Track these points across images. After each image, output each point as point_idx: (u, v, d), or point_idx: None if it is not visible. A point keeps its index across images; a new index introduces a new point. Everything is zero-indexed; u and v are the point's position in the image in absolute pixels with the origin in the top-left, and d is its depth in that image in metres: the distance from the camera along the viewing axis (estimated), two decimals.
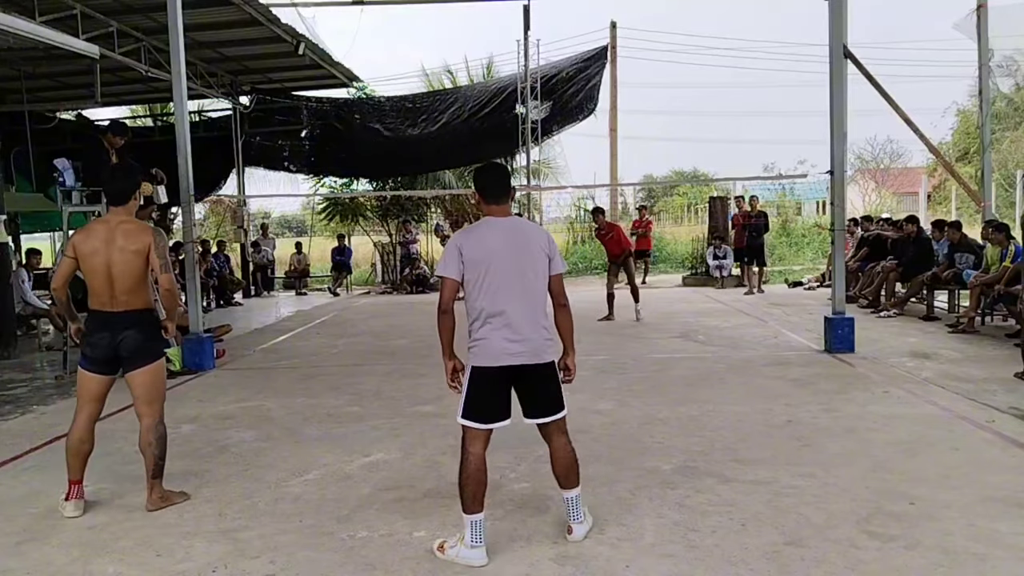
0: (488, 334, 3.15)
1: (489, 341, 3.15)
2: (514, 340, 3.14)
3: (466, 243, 3.18)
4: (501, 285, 3.15)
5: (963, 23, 10.50)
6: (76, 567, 3.24)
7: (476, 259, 3.14)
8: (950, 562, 3.02)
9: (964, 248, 9.60)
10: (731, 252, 15.30)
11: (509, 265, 3.16)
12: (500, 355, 3.14)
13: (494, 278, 3.14)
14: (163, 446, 3.96)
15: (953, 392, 5.77)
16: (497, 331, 3.14)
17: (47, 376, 7.70)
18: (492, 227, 3.22)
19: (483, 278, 3.15)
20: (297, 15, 12.39)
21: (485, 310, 3.16)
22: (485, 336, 3.16)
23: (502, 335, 3.13)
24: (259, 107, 16.25)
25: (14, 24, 7.73)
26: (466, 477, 3.13)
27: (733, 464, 4.25)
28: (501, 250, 3.16)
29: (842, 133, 7.58)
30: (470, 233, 3.25)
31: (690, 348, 8.20)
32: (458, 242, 3.20)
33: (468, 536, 3.11)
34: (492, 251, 3.15)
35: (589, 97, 15.78)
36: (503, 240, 3.18)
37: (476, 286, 3.16)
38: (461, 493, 3.14)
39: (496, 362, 3.14)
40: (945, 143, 25.26)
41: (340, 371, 7.42)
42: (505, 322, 3.14)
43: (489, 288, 3.15)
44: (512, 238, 3.20)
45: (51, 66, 12.78)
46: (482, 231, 3.22)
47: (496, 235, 3.19)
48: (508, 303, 3.14)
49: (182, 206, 8.33)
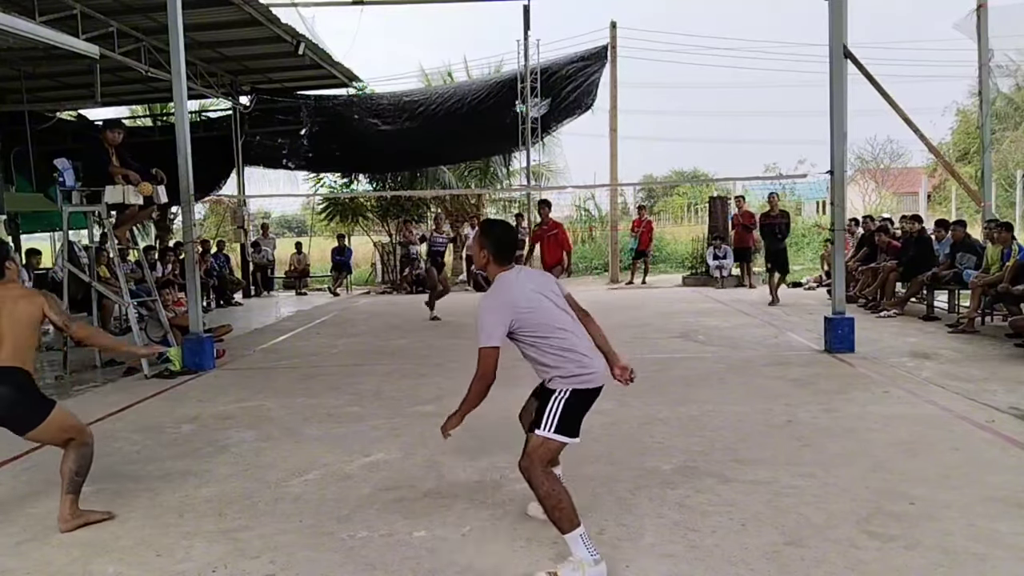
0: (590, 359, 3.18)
1: (594, 362, 3.19)
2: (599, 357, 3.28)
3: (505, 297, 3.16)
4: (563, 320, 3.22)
5: (963, 23, 10.51)
6: (76, 567, 3.24)
7: (521, 307, 3.13)
8: (950, 562, 3.02)
9: (966, 248, 9.59)
10: (731, 252, 15.31)
11: (549, 301, 3.24)
12: (603, 375, 3.22)
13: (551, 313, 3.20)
14: (82, 462, 3.69)
15: (953, 392, 5.77)
16: (594, 354, 3.24)
17: (47, 376, 7.69)
18: (515, 278, 3.24)
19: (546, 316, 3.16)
20: (297, 15, 12.42)
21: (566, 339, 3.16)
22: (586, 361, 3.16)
23: (592, 354, 3.23)
24: (259, 107, 16.26)
25: (14, 24, 7.73)
26: (564, 490, 3.05)
27: (733, 464, 4.25)
28: (533, 291, 3.21)
29: (842, 133, 7.58)
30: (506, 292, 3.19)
31: (690, 348, 8.20)
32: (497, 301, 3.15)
33: (585, 549, 2.97)
34: (529, 296, 3.18)
35: (587, 92, 15.78)
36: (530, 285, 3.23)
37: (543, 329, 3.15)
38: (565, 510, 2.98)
39: (602, 381, 3.21)
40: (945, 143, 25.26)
41: (340, 371, 7.41)
42: (587, 344, 3.26)
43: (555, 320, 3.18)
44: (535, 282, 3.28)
45: (51, 66, 12.78)
46: (509, 284, 3.21)
47: (522, 283, 3.22)
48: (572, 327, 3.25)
49: (182, 206, 8.34)
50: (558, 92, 15.56)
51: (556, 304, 3.25)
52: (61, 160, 7.71)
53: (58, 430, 3.69)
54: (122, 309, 9.87)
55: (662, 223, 26.65)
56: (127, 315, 8.80)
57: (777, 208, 12.20)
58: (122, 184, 7.50)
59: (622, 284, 16.55)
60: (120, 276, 8.17)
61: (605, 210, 20.48)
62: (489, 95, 15.73)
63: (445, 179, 18.03)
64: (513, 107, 15.37)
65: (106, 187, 7.47)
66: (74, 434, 3.73)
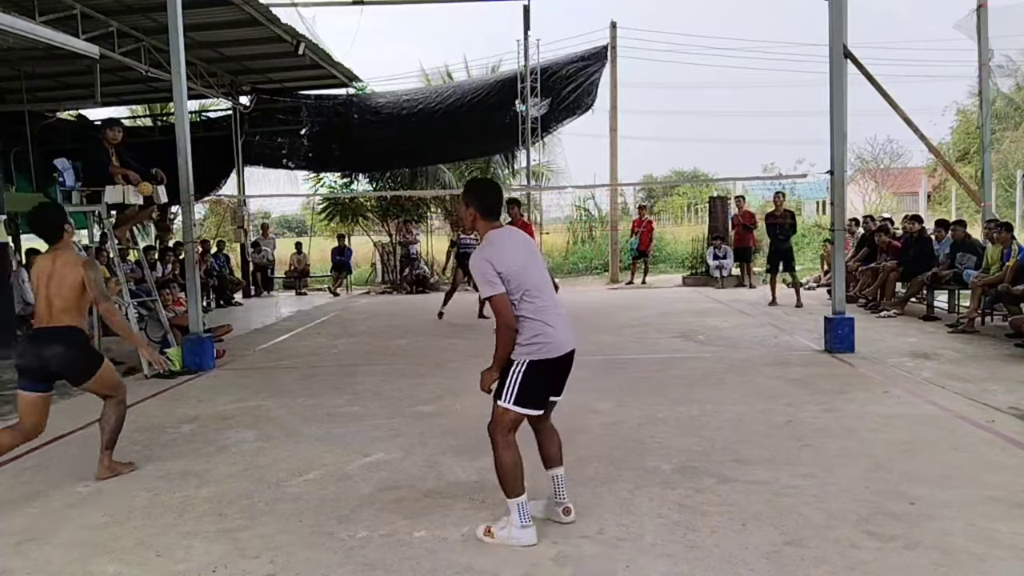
0: (554, 325, 3.30)
1: (556, 331, 3.30)
2: (570, 328, 3.39)
3: (496, 258, 3.27)
4: (539, 283, 3.34)
5: (963, 23, 10.51)
6: (76, 567, 3.24)
7: (513, 269, 3.27)
8: (950, 562, 3.02)
9: (966, 248, 9.59)
10: (731, 252, 15.31)
11: (533, 265, 3.37)
12: (566, 343, 3.34)
13: (533, 278, 3.32)
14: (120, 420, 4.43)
15: (953, 392, 5.77)
16: (558, 321, 3.33)
17: None
18: (504, 238, 3.38)
19: (526, 281, 3.29)
20: (297, 15, 12.41)
21: (539, 307, 3.30)
22: (548, 331, 3.29)
23: (565, 325, 3.36)
24: (259, 107, 16.27)
25: (14, 24, 7.73)
26: (513, 461, 3.29)
27: (733, 464, 4.25)
28: (521, 253, 3.36)
29: (842, 133, 7.58)
30: (492, 249, 3.31)
31: (690, 348, 8.20)
32: (490, 260, 3.26)
33: (518, 517, 3.28)
34: (520, 257, 3.33)
35: (588, 92, 15.76)
36: (520, 246, 3.39)
37: (521, 292, 3.28)
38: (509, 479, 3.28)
39: (564, 349, 3.33)
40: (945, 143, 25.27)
41: (340, 371, 7.41)
42: (558, 312, 3.36)
43: (534, 287, 3.31)
44: (520, 243, 3.43)
45: (51, 66, 12.78)
46: (501, 243, 3.35)
47: (512, 243, 3.37)
48: (549, 296, 3.37)
49: (182, 206, 8.34)
50: (558, 92, 15.55)
51: (537, 268, 3.39)
52: (61, 160, 7.71)
53: (105, 384, 4.38)
54: (122, 309, 9.88)
55: (662, 223, 26.65)
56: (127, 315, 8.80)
57: (782, 208, 11.97)
58: (122, 184, 7.50)
59: (622, 284, 16.55)
60: (120, 276, 8.17)
61: (605, 210, 20.46)
62: (489, 94, 15.73)
63: (445, 179, 18.02)
64: (513, 106, 15.37)
65: (106, 187, 7.47)
66: (116, 391, 4.45)
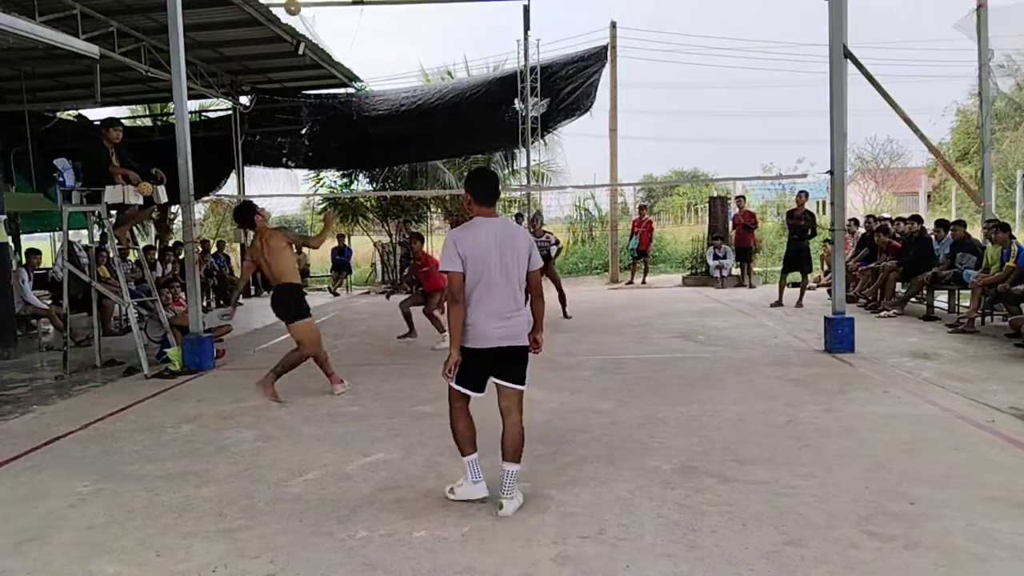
0: (478, 320, 3.61)
1: (479, 326, 3.60)
2: (499, 326, 3.62)
3: (461, 241, 3.60)
4: (491, 278, 3.60)
5: (963, 23, 10.50)
6: (76, 567, 3.24)
7: (471, 254, 3.58)
8: (950, 562, 3.02)
9: (966, 247, 9.59)
10: (731, 252, 15.31)
11: (497, 260, 3.61)
12: (488, 339, 3.62)
13: (485, 271, 3.59)
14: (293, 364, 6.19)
15: (953, 392, 5.77)
16: (486, 318, 3.60)
17: (47, 376, 7.70)
18: (484, 226, 3.66)
19: (476, 271, 3.59)
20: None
21: (476, 299, 3.60)
22: (476, 322, 3.61)
23: (490, 322, 3.61)
24: (259, 106, 16.27)
25: (14, 24, 7.72)
26: (463, 427, 3.74)
27: (733, 464, 4.25)
28: (492, 247, 3.61)
29: (842, 133, 7.58)
30: (466, 231, 3.65)
31: (690, 348, 8.20)
32: (455, 240, 3.62)
33: (469, 475, 3.76)
34: (485, 247, 3.60)
35: (587, 94, 15.77)
36: (493, 238, 3.63)
37: (476, 280, 3.59)
38: (458, 440, 3.76)
39: (485, 344, 3.62)
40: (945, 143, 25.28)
41: (340, 371, 7.38)
42: (493, 310, 3.61)
43: (481, 279, 3.59)
44: (500, 237, 3.65)
45: (51, 66, 12.79)
46: (476, 230, 3.65)
47: (488, 234, 3.63)
48: (495, 293, 3.61)
49: (182, 206, 8.33)
50: (557, 93, 15.57)
51: (502, 264, 3.62)
52: (61, 160, 7.70)
53: (296, 334, 6.18)
54: (122, 309, 9.89)
55: (662, 223, 26.65)
56: (127, 315, 8.80)
57: (802, 208, 11.65)
58: (122, 184, 7.49)
59: (622, 284, 16.56)
60: (120, 276, 8.17)
61: (605, 210, 20.47)
62: (488, 91, 15.76)
63: (445, 179, 18.03)
64: (512, 104, 15.38)
65: (106, 187, 7.46)
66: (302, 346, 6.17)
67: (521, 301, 3.71)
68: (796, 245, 11.58)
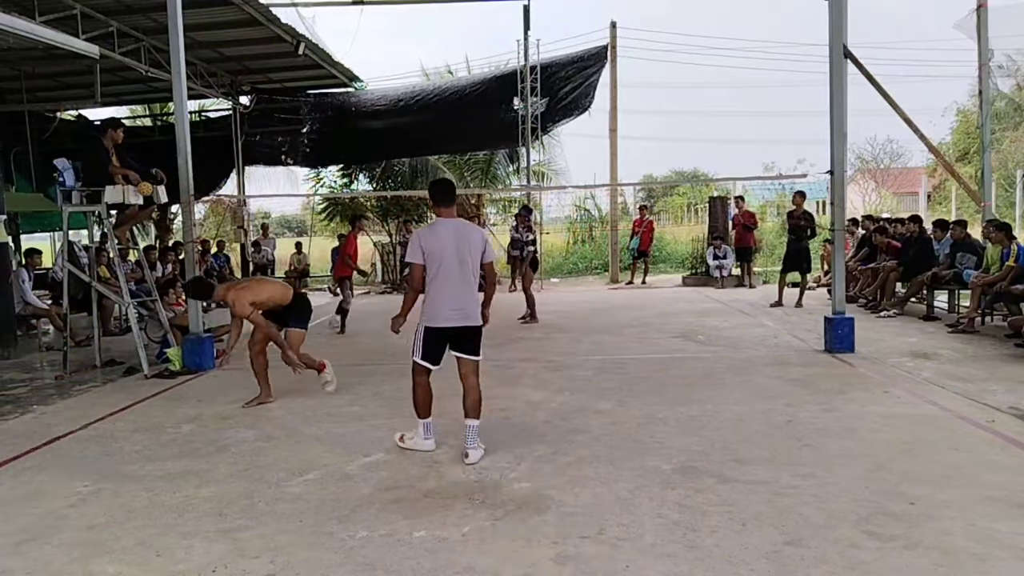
0: (438, 304, 4.38)
1: (438, 309, 4.39)
2: (454, 309, 4.38)
3: (424, 238, 4.39)
4: (449, 269, 4.34)
5: (963, 23, 10.50)
6: (76, 567, 3.24)
7: (432, 250, 4.35)
8: (950, 562, 3.02)
9: (967, 247, 9.58)
10: (731, 252, 15.31)
11: (454, 254, 4.34)
12: (446, 320, 4.39)
13: (444, 263, 4.33)
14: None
15: (953, 392, 5.77)
16: (444, 303, 4.37)
17: (47, 376, 7.70)
18: (444, 226, 4.43)
19: (436, 264, 4.34)
20: (297, 15, 12.41)
21: (437, 286, 4.36)
22: (436, 305, 4.39)
23: (447, 306, 4.37)
24: (258, 106, 16.28)
25: (14, 24, 7.73)
26: (422, 396, 4.56)
27: (733, 464, 4.25)
28: (450, 243, 4.35)
29: (842, 133, 7.58)
30: (429, 230, 4.45)
31: (690, 348, 8.20)
32: (420, 236, 4.42)
33: (422, 432, 4.62)
34: (444, 243, 4.34)
35: (585, 94, 15.78)
36: (452, 236, 4.38)
37: (435, 270, 4.34)
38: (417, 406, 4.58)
39: (444, 324, 4.40)
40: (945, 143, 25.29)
41: (340, 371, 7.39)
42: (449, 295, 4.36)
43: (440, 270, 4.33)
44: (457, 234, 4.40)
45: (51, 66, 12.80)
46: (437, 229, 4.42)
47: (447, 232, 4.40)
48: (452, 282, 4.35)
49: (182, 206, 8.34)
50: (555, 92, 15.57)
51: (459, 257, 4.36)
52: (61, 160, 7.70)
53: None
54: (122, 309, 9.89)
55: (662, 223, 26.66)
56: (127, 315, 8.80)
57: (801, 208, 11.68)
58: (122, 184, 7.50)
59: (622, 284, 16.55)
60: (120, 276, 8.17)
61: (605, 210, 20.46)
62: (488, 89, 15.78)
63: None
64: (511, 103, 15.39)
65: (106, 187, 7.46)
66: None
67: (475, 288, 4.45)
68: (796, 245, 11.59)
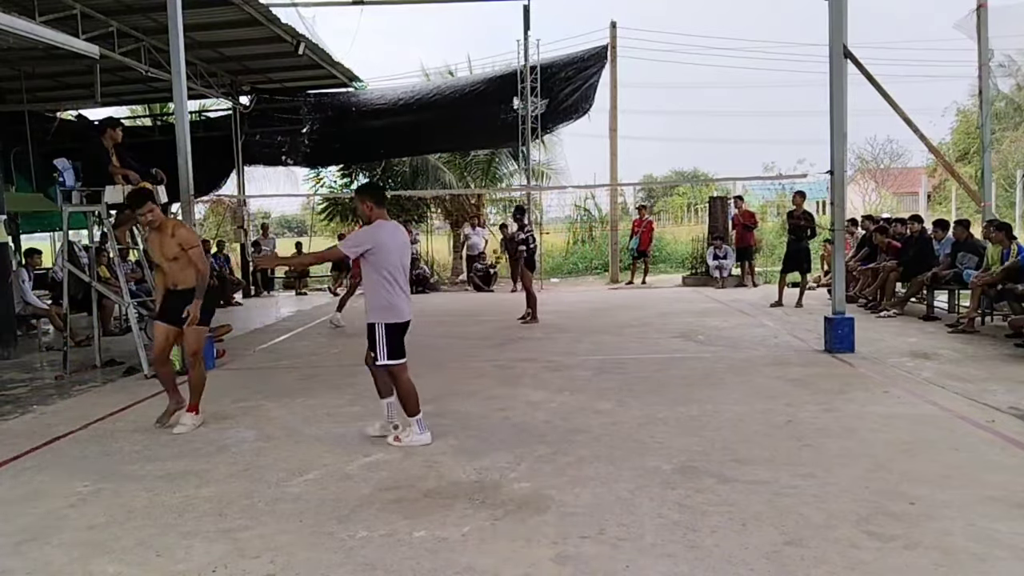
0: (399, 300, 4.71)
1: (399, 305, 4.71)
2: (408, 304, 4.80)
3: (376, 235, 4.64)
4: (398, 267, 4.70)
5: (963, 23, 10.50)
6: (76, 567, 3.24)
7: (389, 248, 4.65)
8: (950, 562, 3.02)
9: (968, 247, 9.58)
10: (731, 252, 15.30)
11: (399, 254, 4.73)
12: (407, 314, 4.77)
13: (392, 261, 4.66)
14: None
15: (953, 392, 5.77)
16: (403, 299, 4.74)
17: (47, 376, 7.70)
18: (388, 227, 4.74)
19: (391, 262, 4.65)
20: (297, 15, 12.41)
21: (395, 284, 4.67)
22: (397, 302, 4.70)
23: (405, 301, 4.75)
24: (258, 106, 16.28)
25: (14, 24, 7.73)
26: (411, 392, 4.81)
27: (733, 464, 4.25)
28: (398, 243, 4.75)
29: (842, 133, 7.58)
30: (381, 229, 4.68)
31: (690, 348, 8.20)
32: (372, 233, 4.65)
33: (417, 428, 4.80)
34: (393, 242, 4.69)
35: (585, 97, 15.80)
36: (399, 237, 4.79)
37: (388, 268, 4.64)
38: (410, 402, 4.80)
39: (406, 318, 4.76)
40: (945, 143, 25.29)
41: (340, 371, 7.41)
42: (404, 292, 4.76)
43: (395, 268, 4.67)
44: (400, 236, 4.81)
45: (51, 66, 12.79)
46: (384, 228, 4.70)
47: (391, 233, 4.74)
48: (402, 279, 4.75)
49: (182, 206, 8.33)
50: (555, 95, 15.57)
51: (401, 257, 4.74)
52: (61, 160, 7.70)
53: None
54: (122, 309, 9.88)
55: (662, 223, 26.66)
56: (127, 315, 8.80)
57: (800, 208, 11.71)
58: (122, 184, 7.50)
59: (622, 284, 16.55)
60: (120, 276, 8.16)
61: (605, 210, 20.47)
62: (488, 89, 15.78)
63: (446, 179, 18.03)
64: (511, 103, 15.39)
65: (106, 187, 7.46)
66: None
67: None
68: (796, 245, 11.61)
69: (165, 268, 5.42)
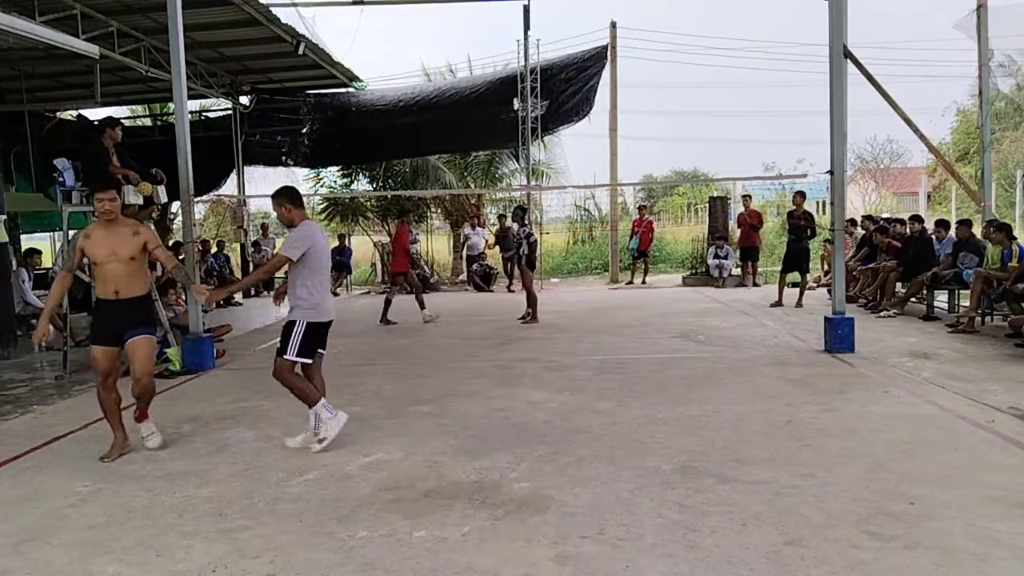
0: (324, 300, 4.78)
1: (324, 304, 4.77)
2: (331, 302, 4.90)
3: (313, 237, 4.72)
4: (325, 266, 4.84)
5: (963, 23, 10.49)
6: (76, 567, 3.24)
7: (322, 248, 4.79)
8: (950, 562, 3.02)
9: (970, 247, 9.57)
10: (732, 252, 15.29)
11: (327, 251, 4.92)
12: (330, 314, 4.84)
13: (323, 264, 4.80)
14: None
15: (953, 392, 5.77)
16: (327, 298, 4.82)
17: (47, 376, 7.70)
18: (316, 225, 4.95)
19: (321, 261, 4.77)
20: (297, 15, 12.39)
21: (320, 284, 4.76)
22: (322, 301, 4.76)
23: (329, 301, 4.86)
24: (258, 106, 16.28)
25: (14, 24, 7.73)
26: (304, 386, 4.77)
27: (733, 464, 4.25)
28: (325, 242, 4.91)
29: (842, 133, 7.57)
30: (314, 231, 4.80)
31: (690, 348, 8.20)
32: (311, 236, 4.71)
33: (325, 413, 4.72)
34: (325, 242, 4.89)
35: (585, 99, 15.78)
36: (323, 235, 4.96)
37: (320, 267, 4.76)
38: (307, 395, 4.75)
39: (330, 317, 4.83)
40: (945, 143, 25.28)
41: (340, 371, 7.40)
42: (327, 291, 4.88)
43: (322, 268, 4.79)
44: (324, 234, 4.96)
45: (51, 66, 12.79)
46: (317, 229, 4.89)
47: (322, 232, 4.98)
48: (327, 279, 4.88)
49: (182, 206, 8.34)
50: (556, 96, 15.57)
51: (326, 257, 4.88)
52: (61, 160, 7.70)
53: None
54: None
55: (662, 223, 26.66)
56: None
57: (801, 208, 11.73)
58: (122, 184, 7.49)
59: (622, 284, 16.55)
60: None
61: (605, 210, 20.46)
62: (488, 90, 15.77)
63: (446, 179, 18.03)
64: (511, 103, 15.39)
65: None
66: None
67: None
68: (796, 245, 11.61)
69: (110, 272, 4.66)
